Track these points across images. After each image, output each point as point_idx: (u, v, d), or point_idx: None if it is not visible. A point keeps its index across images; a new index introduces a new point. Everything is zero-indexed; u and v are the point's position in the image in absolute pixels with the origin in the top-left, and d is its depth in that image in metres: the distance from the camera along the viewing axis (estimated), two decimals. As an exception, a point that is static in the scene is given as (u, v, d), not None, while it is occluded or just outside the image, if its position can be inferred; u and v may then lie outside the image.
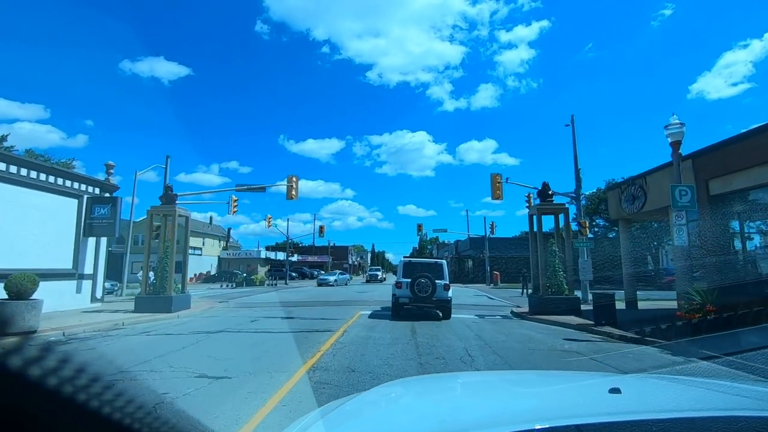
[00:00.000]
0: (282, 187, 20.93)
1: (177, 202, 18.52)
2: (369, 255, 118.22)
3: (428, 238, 73.88)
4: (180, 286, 15.55)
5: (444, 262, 14.77)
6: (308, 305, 17.32)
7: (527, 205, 22.72)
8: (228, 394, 5.02)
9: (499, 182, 19.83)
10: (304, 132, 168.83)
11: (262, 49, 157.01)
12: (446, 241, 75.93)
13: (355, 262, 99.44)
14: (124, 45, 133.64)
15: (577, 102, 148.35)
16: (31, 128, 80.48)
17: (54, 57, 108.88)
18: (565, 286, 14.02)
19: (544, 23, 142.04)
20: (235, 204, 23.42)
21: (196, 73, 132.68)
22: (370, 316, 13.27)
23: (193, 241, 48.88)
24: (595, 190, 44.26)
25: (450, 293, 13.19)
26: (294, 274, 57.08)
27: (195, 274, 47.98)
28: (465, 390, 2.05)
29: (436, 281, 12.82)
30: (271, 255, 68.42)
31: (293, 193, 20.95)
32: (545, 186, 15.10)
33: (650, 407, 1.32)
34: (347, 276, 44.33)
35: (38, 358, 0.57)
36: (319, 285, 37.36)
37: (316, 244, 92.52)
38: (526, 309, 15.41)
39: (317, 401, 4.53)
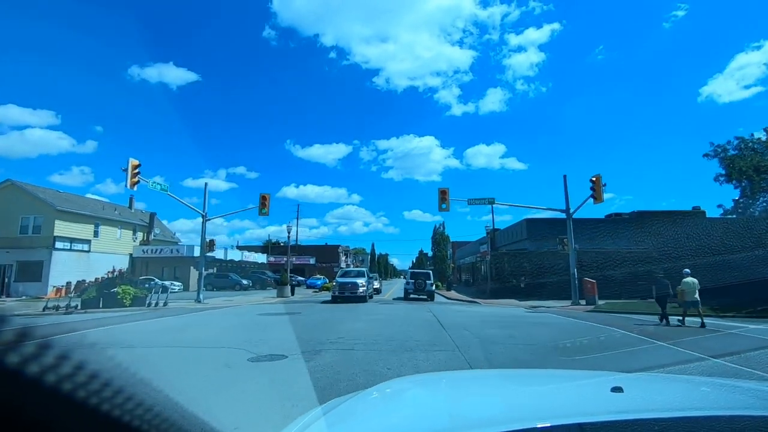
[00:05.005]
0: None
1: None
2: (368, 257, 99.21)
3: (445, 234, 56.55)
4: None
5: (430, 271, 26.65)
6: None
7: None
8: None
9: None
10: (311, 137, 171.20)
11: (270, 55, 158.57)
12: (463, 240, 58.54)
13: (351, 266, 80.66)
14: (132, 51, 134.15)
15: (586, 106, 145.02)
16: (42, 134, 79.14)
17: (65, 63, 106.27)
18: None
19: (556, 26, 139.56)
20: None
21: (204, 78, 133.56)
22: None
23: (64, 228, 29.87)
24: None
25: (433, 288, 24.61)
26: (246, 282, 38.09)
27: (67, 283, 28.94)
28: (467, 388, 2.00)
29: (426, 281, 23.95)
30: (234, 255, 49.61)
31: None
32: None
33: (652, 406, 1.32)
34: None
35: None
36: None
37: (299, 243, 73.96)
38: None
39: (318, 398, 4.28)
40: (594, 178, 17.92)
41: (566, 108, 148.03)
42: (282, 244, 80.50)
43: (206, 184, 23.70)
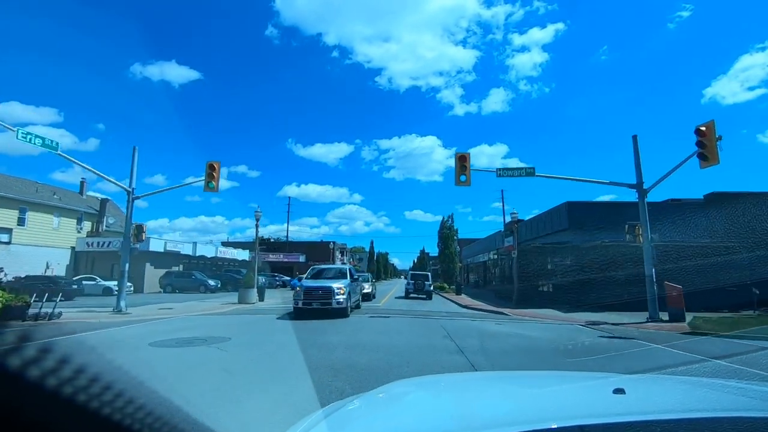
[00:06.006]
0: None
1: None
2: (367, 256, 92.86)
3: (454, 227, 50.58)
4: None
5: (429, 273, 31.43)
6: None
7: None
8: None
9: None
10: (313, 136, 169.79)
11: (272, 54, 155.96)
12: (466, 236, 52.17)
13: (348, 265, 74.14)
14: (135, 49, 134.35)
15: (589, 106, 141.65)
16: (44, 132, 75.80)
17: (67, 61, 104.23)
18: None
19: (560, 26, 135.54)
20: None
21: (206, 77, 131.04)
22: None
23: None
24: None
25: (431, 288, 28.09)
26: (214, 283, 31.71)
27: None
28: (468, 390, 1.97)
29: (425, 282, 27.25)
30: (207, 251, 43.33)
31: None
32: None
33: (654, 408, 1.31)
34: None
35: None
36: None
37: (290, 239, 67.56)
38: None
39: (320, 401, 4.34)
40: (704, 127, 11.39)
41: (569, 108, 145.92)
42: (272, 241, 74.00)
43: (135, 148, 17.34)
